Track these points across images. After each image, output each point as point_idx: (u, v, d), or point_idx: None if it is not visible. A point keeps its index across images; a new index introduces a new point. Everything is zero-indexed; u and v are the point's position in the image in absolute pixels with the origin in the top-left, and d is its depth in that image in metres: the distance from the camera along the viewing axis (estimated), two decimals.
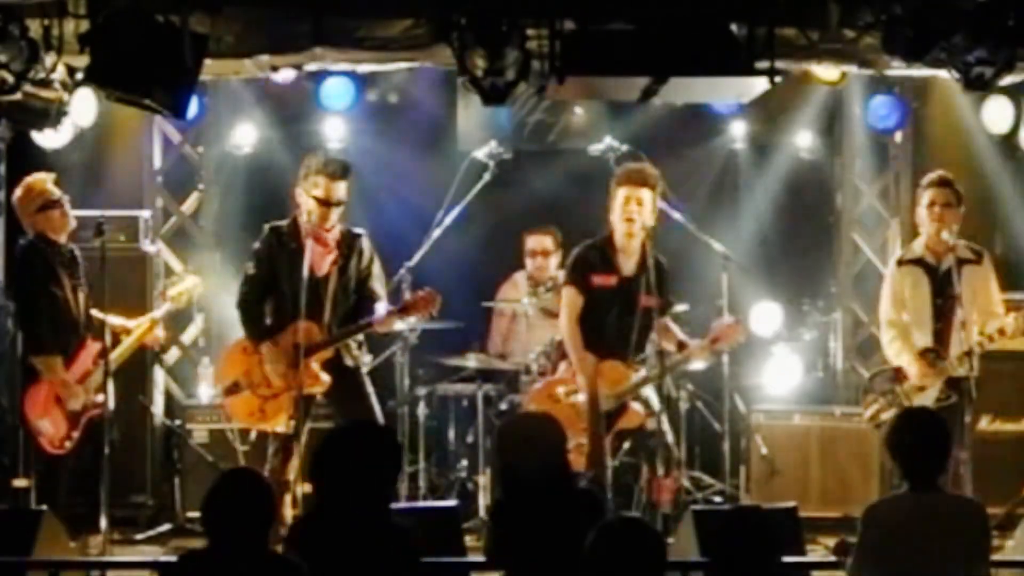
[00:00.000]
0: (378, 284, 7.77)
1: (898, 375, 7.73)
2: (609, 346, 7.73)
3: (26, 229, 7.87)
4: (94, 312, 7.83)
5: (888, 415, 7.69)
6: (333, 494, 4.86)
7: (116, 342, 7.85)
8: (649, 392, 7.73)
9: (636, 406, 7.71)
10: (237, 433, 8.56)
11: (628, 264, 7.81)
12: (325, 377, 7.52)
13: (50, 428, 7.64)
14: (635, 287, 7.73)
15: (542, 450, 5.43)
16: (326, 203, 7.53)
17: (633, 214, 7.71)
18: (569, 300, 7.85)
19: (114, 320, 7.87)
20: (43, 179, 7.84)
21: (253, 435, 8.42)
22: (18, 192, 7.87)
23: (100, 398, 7.70)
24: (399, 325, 8.22)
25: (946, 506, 5.22)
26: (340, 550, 4.81)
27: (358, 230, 7.77)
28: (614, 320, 7.77)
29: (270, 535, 4.84)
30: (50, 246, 7.73)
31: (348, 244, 7.67)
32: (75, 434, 7.65)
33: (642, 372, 7.77)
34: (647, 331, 7.79)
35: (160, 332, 8.19)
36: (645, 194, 7.74)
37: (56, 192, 7.81)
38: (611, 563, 4.39)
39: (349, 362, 7.63)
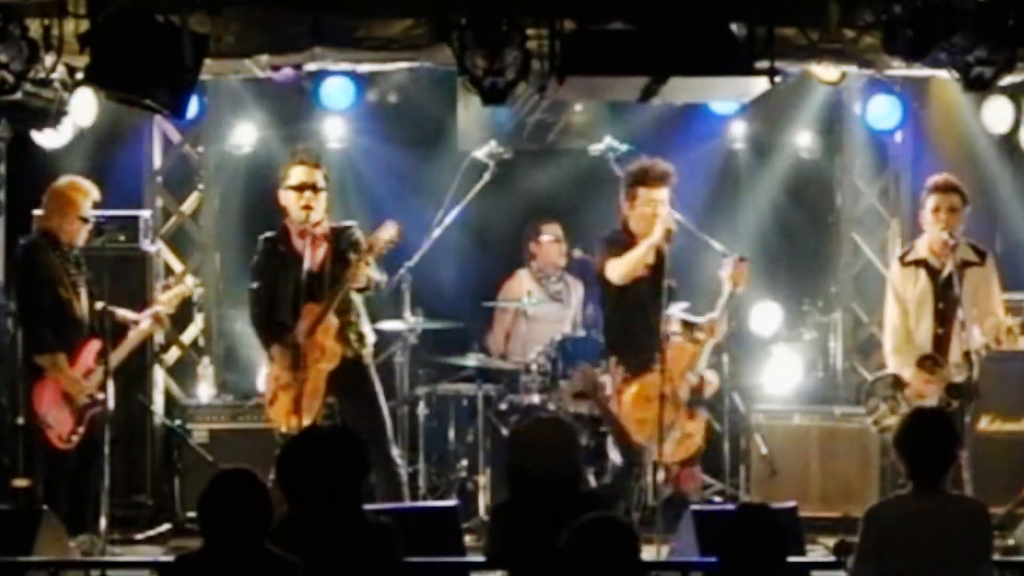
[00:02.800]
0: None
1: (899, 381, 7.72)
2: (644, 337, 7.74)
3: (38, 220, 7.84)
4: (100, 304, 7.83)
5: (891, 420, 7.68)
6: (301, 500, 4.90)
7: (122, 336, 7.87)
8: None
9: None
10: (237, 435, 8.56)
11: (650, 255, 7.84)
12: (337, 350, 7.53)
13: (59, 422, 7.64)
14: (658, 275, 7.79)
15: (555, 455, 5.45)
16: (300, 188, 7.53)
17: (658, 211, 7.80)
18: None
19: (122, 312, 7.90)
20: (93, 192, 7.85)
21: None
22: (66, 185, 7.83)
23: (102, 395, 7.71)
24: (399, 325, 8.26)
25: (949, 508, 5.22)
26: (317, 551, 4.83)
27: (347, 223, 7.78)
28: (646, 311, 7.77)
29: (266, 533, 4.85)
30: (55, 246, 7.74)
31: (340, 237, 7.68)
32: (81, 429, 7.66)
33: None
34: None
35: (165, 321, 8.20)
36: (664, 193, 7.83)
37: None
38: (585, 561, 4.39)
39: (348, 353, 7.64)
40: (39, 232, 7.85)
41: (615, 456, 7.95)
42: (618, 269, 7.81)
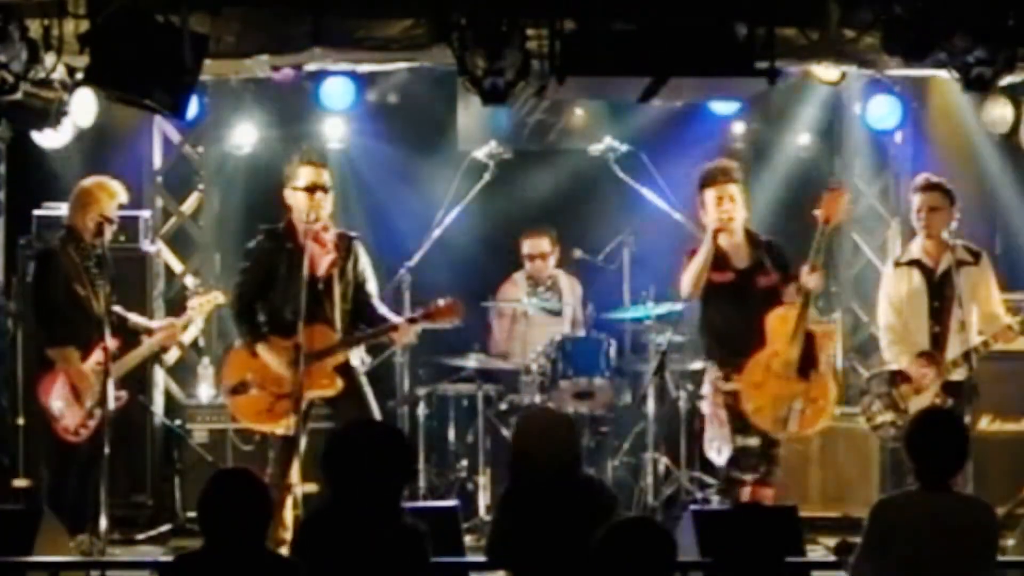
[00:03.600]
0: (372, 286, 7.73)
1: (894, 378, 7.71)
2: (738, 338, 7.60)
3: (67, 217, 7.84)
4: (116, 309, 7.84)
5: (884, 417, 7.69)
6: (344, 492, 4.86)
7: (135, 342, 7.90)
8: None
9: None
10: (237, 435, 8.55)
11: (739, 257, 7.75)
12: (339, 382, 7.48)
13: (67, 413, 7.64)
14: (752, 276, 7.70)
15: (556, 445, 5.49)
16: (311, 189, 7.49)
17: (730, 212, 7.71)
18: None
19: (136, 319, 7.94)
20: (117, 194, 7.84)
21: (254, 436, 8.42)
22: (91, 184, 7.81)
23: (122, 393, 7.74)
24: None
25: (956, 507, 5.21)
26: (350, 549, 4.81)
27: (352, 233, 7.74)
28: (736, 313, 7.65)
29: (268, 535, 4.84)
30: (79, 244, 7.74)
31: (345, 247, 7.64)
32: (91, 423, 7.64)
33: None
34: (769, 309, 7.62)
35: (178, 334, 8.24)
36: (733, 188, 7.75)
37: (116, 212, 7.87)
38: (622, 563, 4.38)
39: (354, 361, 7.62)
40: (64, 228, 7.87)
41: (717, 458, 7.76)
42: (683, 282, 7.76)
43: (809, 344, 7.54)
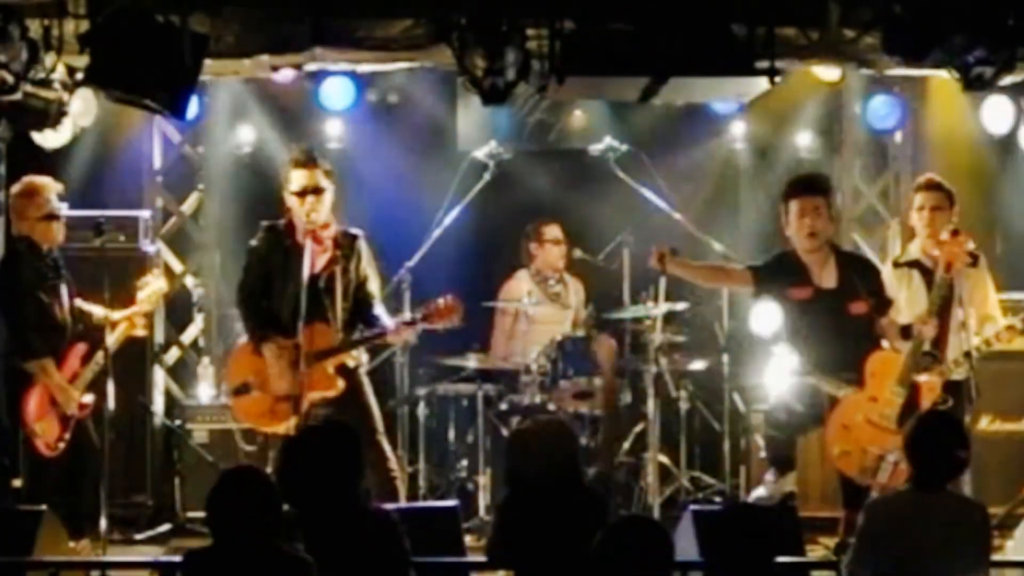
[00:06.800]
0: (374, 286, 7.72)
1: None
2: (823, 359, 7.36)
3: (14, 229, 7.81)
4: (78, 303, 7.80)
5: None
6: (301, 497, 4.92)
7: (100, 345, 7.77)
8: None
9: None
10: (241, 434, 8.55)
11: (823, 275, 7.49)
12: (340, 383, 7.46)
13: (46, 431, 7.61)
14: (839, 297, 7.41)
15: (553, 458, 5.43)
16: (300, 193, 7.47)
17: (812, 226, 7.46)
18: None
19: (97, 311, 7.80)
20: (49, 187, 7.76)
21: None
22: (19, 190, 7.79)
23: (88, 398, 7.69)
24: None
25: (948, 506, 5.23)
26: (326, 546, 4.84)
27: (355, 231, 7.71)
28: (824, 339, 7.39)
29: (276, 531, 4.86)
30: (35, 252, 7.69)
31: (348, 244, 7.62)
32: (67, 435, 7.62)
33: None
34: (866, 340, 7.37)
35: (140, 323, 8.06)
36: (820, 201, 7.52)
37: (59, 205, 7.79)
38: (620, 562, 4.38)
39: (350, 363, 7.60)
40: (16, 238, 7.79)
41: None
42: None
43: (913, 395, 7.21)
